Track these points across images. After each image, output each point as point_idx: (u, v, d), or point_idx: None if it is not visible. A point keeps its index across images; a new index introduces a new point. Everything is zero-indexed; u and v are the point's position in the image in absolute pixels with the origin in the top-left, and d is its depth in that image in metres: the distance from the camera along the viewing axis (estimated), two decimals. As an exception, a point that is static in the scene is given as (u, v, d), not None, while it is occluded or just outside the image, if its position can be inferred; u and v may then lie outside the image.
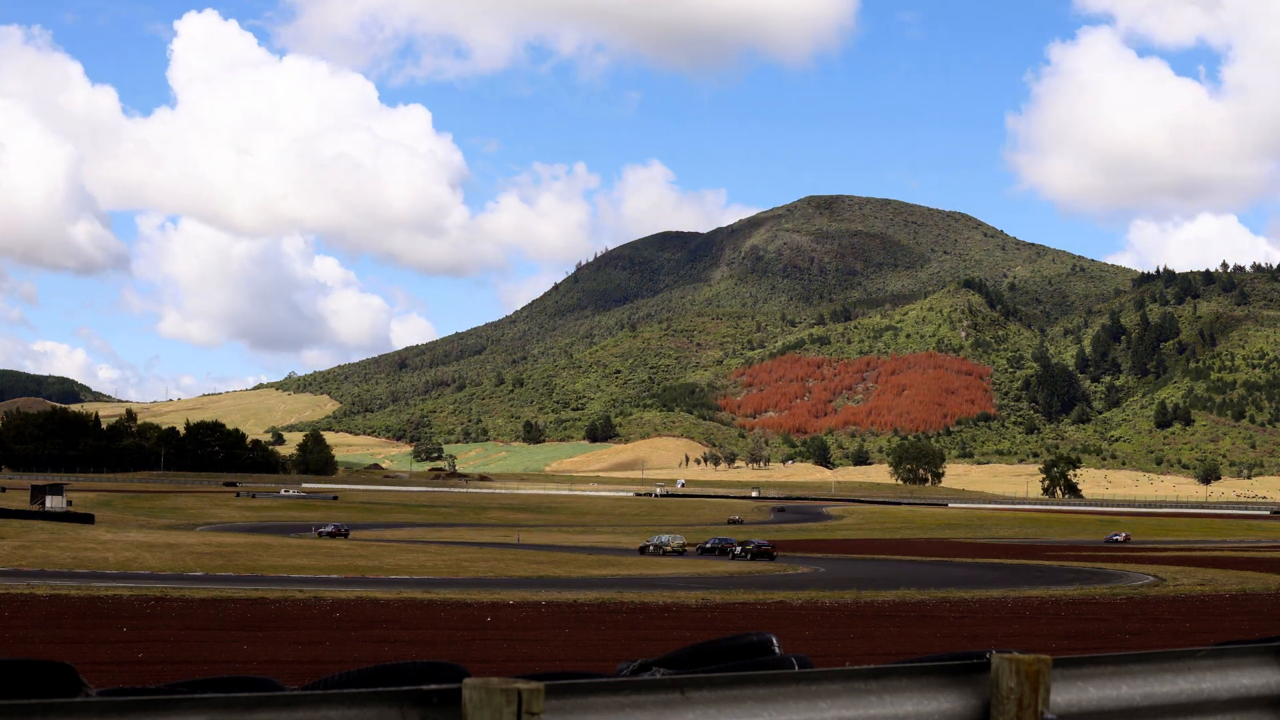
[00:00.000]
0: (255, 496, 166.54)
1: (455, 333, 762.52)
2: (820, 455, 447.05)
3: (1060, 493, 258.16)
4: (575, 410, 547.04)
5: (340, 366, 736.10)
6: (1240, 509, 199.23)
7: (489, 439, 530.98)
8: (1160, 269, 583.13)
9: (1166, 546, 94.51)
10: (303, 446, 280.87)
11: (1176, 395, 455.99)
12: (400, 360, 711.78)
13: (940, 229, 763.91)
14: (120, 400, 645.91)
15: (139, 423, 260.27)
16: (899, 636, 24.61)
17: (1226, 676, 5.98)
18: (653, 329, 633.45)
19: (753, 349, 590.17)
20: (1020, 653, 5.18)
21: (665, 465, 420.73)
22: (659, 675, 5.38)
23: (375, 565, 51.40)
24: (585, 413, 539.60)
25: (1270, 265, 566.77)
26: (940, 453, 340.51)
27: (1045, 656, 5.13)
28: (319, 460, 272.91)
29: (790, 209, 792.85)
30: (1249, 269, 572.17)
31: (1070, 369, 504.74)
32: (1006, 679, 5.04)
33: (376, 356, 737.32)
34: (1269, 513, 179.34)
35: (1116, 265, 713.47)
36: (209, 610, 27.08)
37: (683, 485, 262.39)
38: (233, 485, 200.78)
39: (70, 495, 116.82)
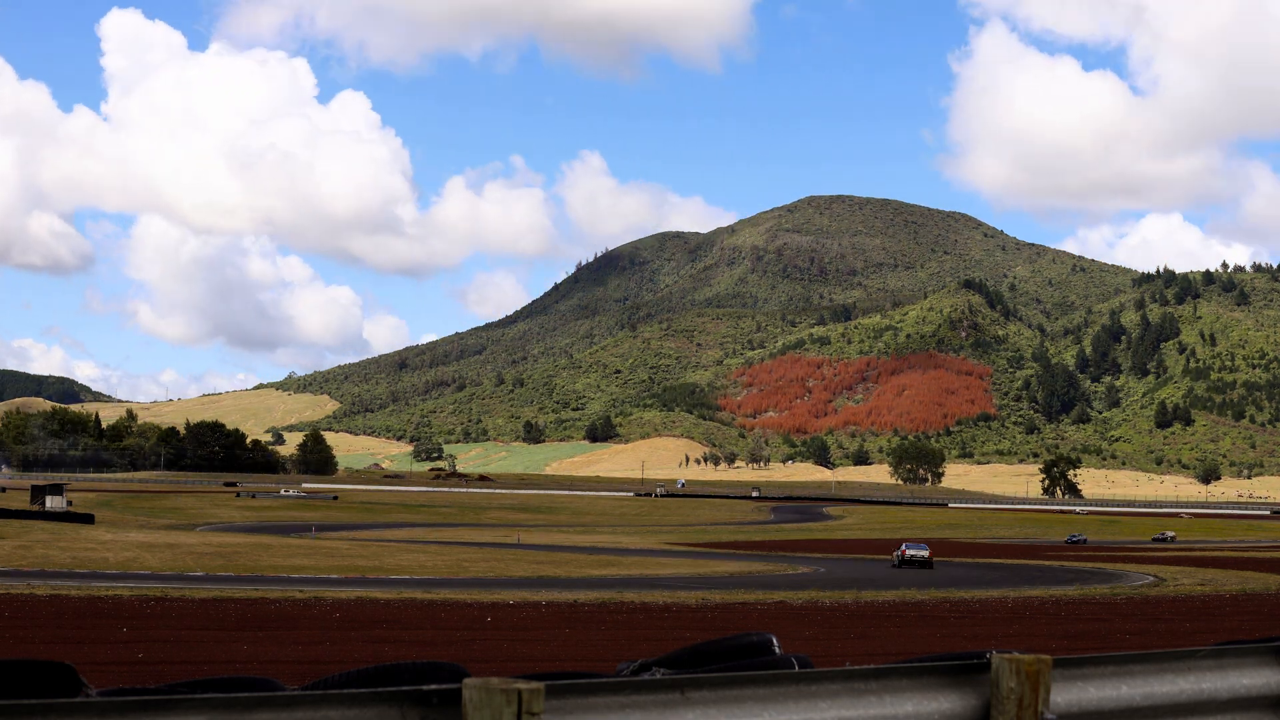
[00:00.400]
0: (255, 496, 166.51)
1: (455, 333, 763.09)
2: (820, 455, 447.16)
3: (1060, 493, 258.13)
4: (575, 410, 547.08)
5: (340, 366, 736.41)
6: (1240, 509, 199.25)
7: (489, 439, 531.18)
8: (1160, 269, 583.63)
9: (1166, 546, 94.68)
10: (303, 446, 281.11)
11: (1176, 395, 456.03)
12: (400, 360, 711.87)
13: (940, 229, 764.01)
14: (120, 400, 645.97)
15: (139, 423, 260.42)
16: (899, 636, 24.61)
17: (1226, 676, 5.98)
18: (653, 329, 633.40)
19: (753, 349, 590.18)
20: (1020, 653, 5.19)
21: (665, 465, 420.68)
22: (659, 675, 5.38)
23: (375, 565, 51.41)
24: (585, 413, 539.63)
25: (1270, 265, 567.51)
26: (940, 453, 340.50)
27: (1045, 656, 5.14)
28: (319, 460, 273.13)
29: (790, 209, 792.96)
30: (1249, 269, 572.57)
31: (1070, 369, 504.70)
32: (1007, 679, 5.05)
33: (376, 356, 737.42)
34: (1269, 513, 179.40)
35: (1117, 265, 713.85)
36: (209, 610, 27.08)
37: (683, 485, 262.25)
38: (233, 485, 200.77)
39: (70, 495, 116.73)
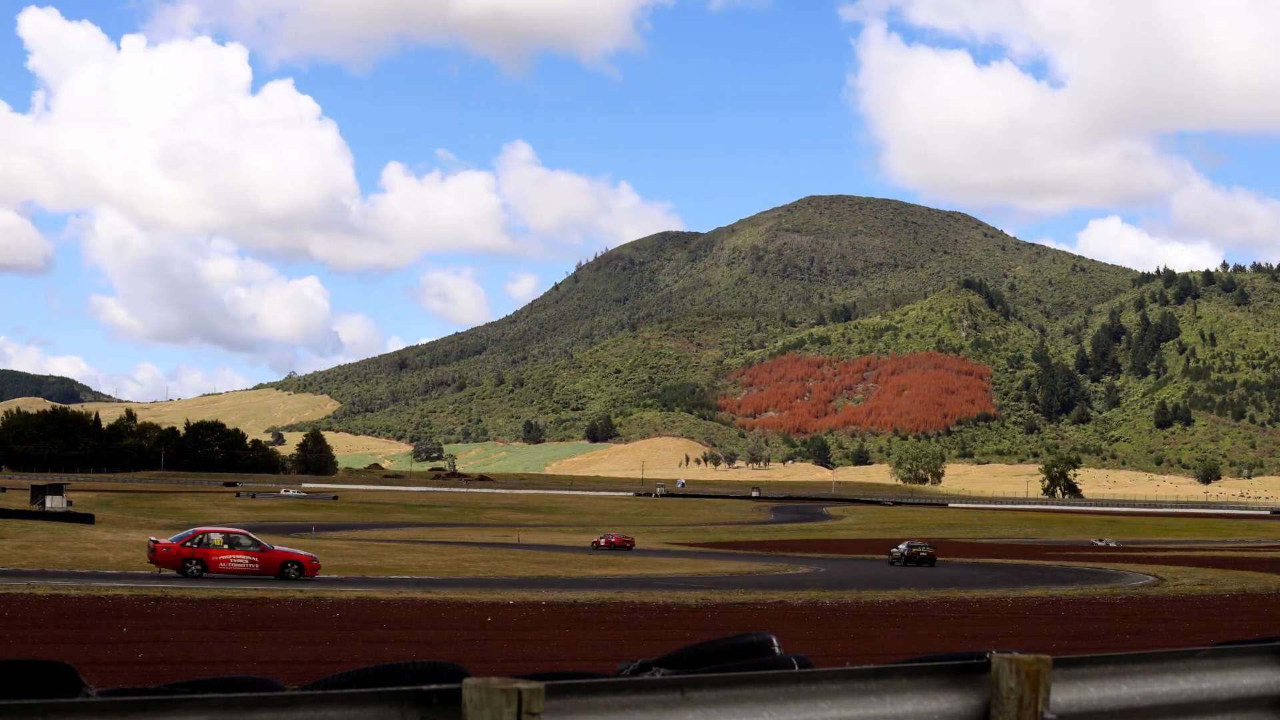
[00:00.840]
0: (255, 496, 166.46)
1: (455, 333, 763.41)
2: (820, 455, 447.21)
3: (1060, 493, 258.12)
4: (575, 410, 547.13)
5: (340, 366, 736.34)
6: (1240, 509, 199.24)
7: (489, 439, 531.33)
8: (1160, 269, 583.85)
9: (1167, 546, 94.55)
10: (303, 446, 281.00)
11: (1176, 395, 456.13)
12: (400, 360, 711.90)
13: (940, 229, 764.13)
14: (120, 400, 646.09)
15: (139, 423, 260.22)
16: (899, 636, 24.61)
17: (1226, 676, 5.98)
18: (653, 329, 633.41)
19: (753, 349, 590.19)
20: (1020, 653, 5.19)
21: (665, 465, 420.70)
22: (659, 675, 5.37)
23: (375, 565, 51.40)
24: (585, 413, 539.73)
25: (1270, 265, 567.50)
26: (940, 453, 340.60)
27: (1045, 656, 5.14)
28: (319, 460, 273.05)
29: (790, 209, 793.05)
30: (1249, 269, 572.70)
31: (1070, 369, 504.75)
32: (1007, 679, 5.05)
33: (376, 356, 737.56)
34: (1269, 513, 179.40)
35: (1117, 265, 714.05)
36: (209, 610, 27.07)
37: (683, 485, 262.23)
38: (233, 485, 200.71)
39: (70, 495, 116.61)
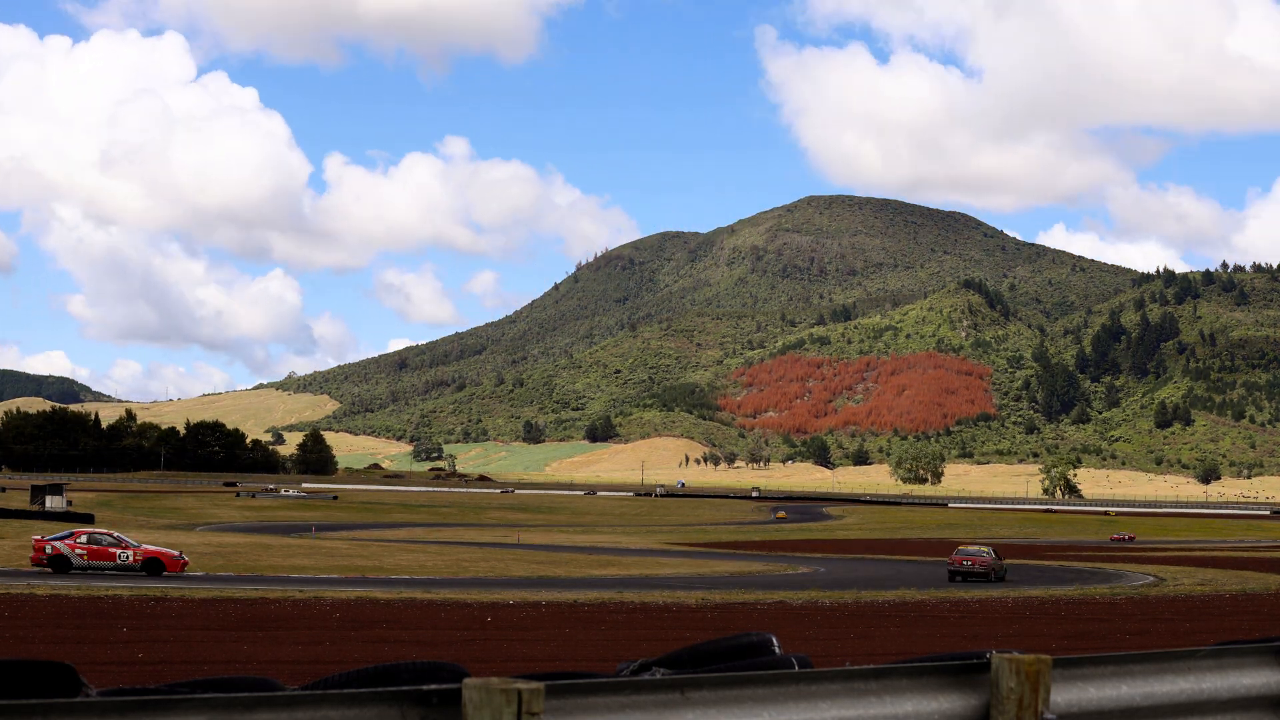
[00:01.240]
0: (255, 496, 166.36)
1: (455, 333, 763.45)
2: (820, 455, 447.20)
3: (1060, 493, 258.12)
4: (575, 410, 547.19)
5: (340, 366, 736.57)
6: (1240, 509, 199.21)
7: (489, 439, 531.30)
8: (1160, 269, 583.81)
9: (1167, 546, 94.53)
10: (303, 446, 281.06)
11: (1176, 395, 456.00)
12: (400, 360, 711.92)
13: (940, 229, 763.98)
14: (120, 400, 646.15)
15: (139, 423, 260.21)
16: (899, 636, 24.61)
17: (1226, 676, 5.98)
18: (653, 329, 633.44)
19: (753, 349, 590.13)
20: (1020, 653, 5.19)
21: (665, 465, 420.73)
22: (659, 675, 5.37)
23: (375, 565, 51.38)
24: (585, 413, 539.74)
25: (1270, 265, 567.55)
26: (940, 453, 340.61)
27: (1045, 656, 5.14)
28: (319, 460, 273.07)
29: (790, 209, 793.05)
30: (1249, 269, 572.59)
31: (1070, 369, 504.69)
32: (1007, 679, 5.05)
33: (376, 356, 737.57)
34: (1269, 513, 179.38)
35: (1117, 265, 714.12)
36: (209, 610, 27.07)
37: (683, 486, 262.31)
38: (233, 485, 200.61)
39: (70, 495, 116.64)
